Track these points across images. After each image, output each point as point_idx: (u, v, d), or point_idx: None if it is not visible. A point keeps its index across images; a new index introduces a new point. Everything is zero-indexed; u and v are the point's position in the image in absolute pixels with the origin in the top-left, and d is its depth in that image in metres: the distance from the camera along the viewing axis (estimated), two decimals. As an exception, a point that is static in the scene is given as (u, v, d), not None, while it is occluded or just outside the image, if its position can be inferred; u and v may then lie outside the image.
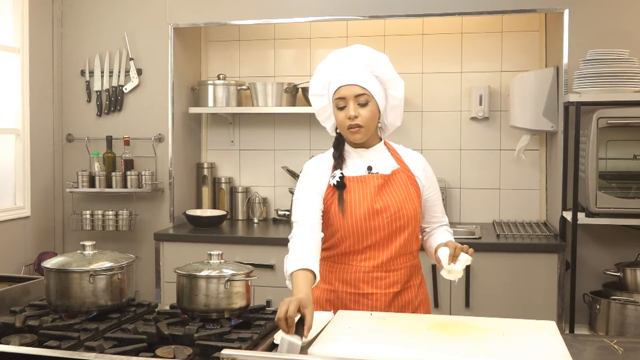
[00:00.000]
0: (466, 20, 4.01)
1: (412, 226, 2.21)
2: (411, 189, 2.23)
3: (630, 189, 3.23)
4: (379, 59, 2.21)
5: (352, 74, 2.17)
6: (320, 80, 2.25)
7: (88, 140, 4.03)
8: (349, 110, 2.15)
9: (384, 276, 2.20)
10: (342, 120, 2.17)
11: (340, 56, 2.22)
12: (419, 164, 2.30)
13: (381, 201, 2.18)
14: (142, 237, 4.02)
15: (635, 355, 1.85)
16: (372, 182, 2.20)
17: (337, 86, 2.17)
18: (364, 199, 2.18)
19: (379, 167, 2.24)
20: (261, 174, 4.31)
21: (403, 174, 2.24)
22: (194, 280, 2.00)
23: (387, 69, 2.23)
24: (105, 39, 4.04)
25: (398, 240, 2.19)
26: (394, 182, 2.22)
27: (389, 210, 2.17)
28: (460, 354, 1.70)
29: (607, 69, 3.15)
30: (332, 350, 1.75)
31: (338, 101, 2.17)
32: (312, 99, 2.30)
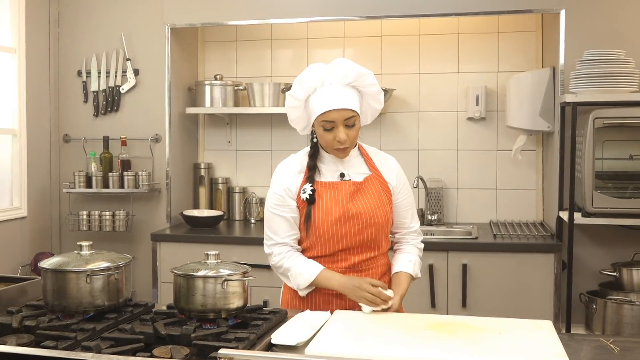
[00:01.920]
0: (463, 21, 4.02)
1: (383, 232, 2.25)
2: (383, 195, 2.24)
3: (627, 189, 3.24)
4: (363, 75, 2.18)
5: (340, 97, 2.14)
6: (299, 95, 2.20)
7: (85, 140, 4.03)
8: (339, 133, 2.14)
9: (356, 276, 2.22)
10: (330, 141, 2.17)
11: (323, 72, 2.17)
12: (391, 169, 2.31)
13: (353, 208, 2.19)
14: (139, 238, 4.02)
15: (632, 354, 1.85)
16: (344, 189, 2.22)
17: (326, 109, 2.13)
18: (335, 206, 2.19)
19: (351, 173, 2.25)
20: (258, 175, 4.31)
21: (375, 180, 2.26)
22: (191, 280, 2.00)
23: (372, 85, 2.20)
24: (102, 39, 4.04)
25: (371, 244, 2.23)
26: (366, 189, 2.23)
27: (361, 217, 2.19)
28: (457, 354, 1.71)
29: (603, 69, 3.15)
30: (329, 350, 1.75)
31: (325, 123, 2.15)
32: (289, 111, 2.26)
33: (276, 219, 2.25)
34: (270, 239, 2.26)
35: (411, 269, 2.27)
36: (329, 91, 2.15)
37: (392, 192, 2.28)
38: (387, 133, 4.13)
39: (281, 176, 2.28)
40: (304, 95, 2.21)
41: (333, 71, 2.16)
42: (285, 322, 2.03)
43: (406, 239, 2.36)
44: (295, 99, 2.22)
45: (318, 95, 2.17)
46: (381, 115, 4.10)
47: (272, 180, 2.30)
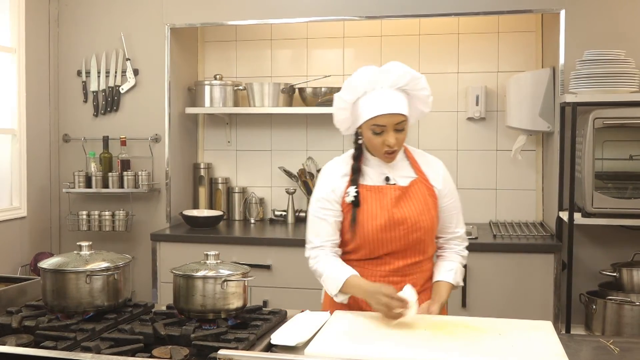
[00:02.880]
0: (463, 21, 4.02)
1: (429, 237, 2.22)
2: (429, 199, 2.21)
3: (627, 189, 3.24)
4: (416, 79, 2.15)
5: (391, 101, 2.11)
6: (348, 97, 2.18)
7: (84, 140, 4.02)
8: (388, 138, 2.11)
9: (400, 280, 2.19)
10: (379, 145, 2.14)
11: (374, 75, 2.14)
12: (437, 172, 2.26)
13: (399, 213, 2.16)
14: (139, 238, 4.02)
15: (632, 355, 1.85)
16: (389, 193, 2.18)
17: (377, 113, 2.10)
18: (381, 211, 2.16)
19: (396, 177, 2.21)
20: (258, 175, 4.30)
21: (421, 184, 2.22)
22: (191, 280, 2.00)
23: (423, 89, 2.17)
24: (102, 39, 4.04)
25: (416, 249, 2.20)
26: (411, 194, 2.19)
27: (406, 222, 2.16)
28: (457, 354, 1.71)
29: (603, 69, 3.15)
30: (329, 350, 1.75)
31: (375, 127, 2.12)
32: (337, 112, 2.23)
33: (318, 222, 2.22)
34: (311, 242, 2.24)
35: (452, 278, 2.23)
36: (379, 95, 2.12)
37: (437, 196, 2.23)
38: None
39: (326, 179, 2.25)
40: (353, 98, 2.17)
41: (385, 75, 2.13)
42: (285, 322, 2.03)
43: (450, 244, 2.31)
44: (344, 101, 2.19)
45: (368, 99, 2.13)
46: (381, 115, 4.10)
47: (317, 182, 2.28)
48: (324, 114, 4.06)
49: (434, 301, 2.16)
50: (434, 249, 2.30)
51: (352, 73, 4.30)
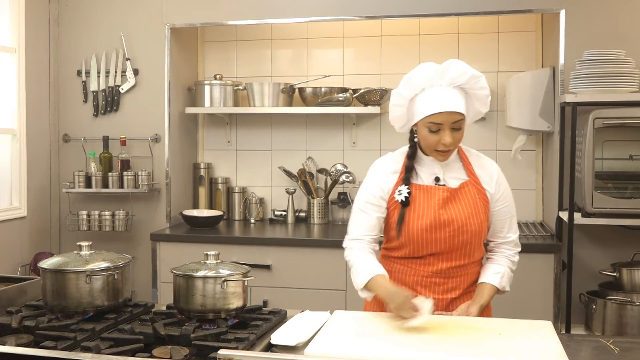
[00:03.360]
0: (462, 21, 4.02)
1: (476, 240, 2.18)
2: (479, 202, 2.17)
3: (627, 189, 3.24)
4: (476, 77, 2.12)
5: (450, 99, 2.08)
6: (406, 93, 2.14)
7: (84, 140, 4.02)
8: (445, 136, 2.08)
9: (442, 282, 2.18)
10: (434, 143, 2.11)
11: (434, 72, 2.11)
12: (491, 176, 2.23)
13: (445, 214, 2.13)
14: (139, 238, 4.02)
15: (632, 355, 1.86)
16: (437, 194, 2.15)
17: (435, 111, 2.07)
18: (428, 211, 2.13)
19: (447, 178, 2.18)
20: (258, 174, 4.30)
21: (472, 186, 2.18)
22: (191, 280, 2.00)
23: (483, 88, 2.15)
24: (102, 39, 4.04)
25: (462, 252, 2.17)
26: (460, 196, 2.16)
27: (453, 225, 2.13)
28: (457, 354, 1.71)
29: (603, 69, 3.15)
30: (328, 350, 1.75)
31: (432, 125, 2.09)
32: (393, 109, 2.20)
33: (361, 215, 2.22)
34: (350, 233, 2.24)
35: (497, 281, 2.19)
36: (438, 92, 2.09)
37: (489, 199, 2.20)
38: (387, 133, 4.13)
39: (376, 174, 2.23)
40: (411, 94, 2.14)
41: (445, 72, 2.10)
42: (285, 322, 2.03)
43: (500, 248, 2.26)
44: (402, 97, 2.16)
45: (426, 96, 2.10)
46: (380, 116, 4.10)
47: (367, 177, 2.26)
48: (324, 114, 4.07)
49: (473, 302, 2.14)
50: (482, 253, 2.25)
51: (352, 73, 4.33)
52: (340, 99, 3.89)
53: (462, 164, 2.22)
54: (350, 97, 3.90)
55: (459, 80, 2.10)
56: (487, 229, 2.23)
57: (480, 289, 2.19)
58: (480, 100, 2.17)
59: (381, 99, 3.89)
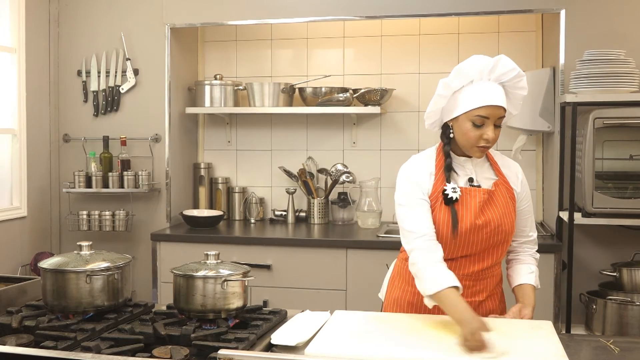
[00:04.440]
0: (463, 21, 4.02)
1: (507, 241, 2.18)
2: (509, 202, 2.17)
3: (627, 189, 3.24)
4: (521, 76, 2.11)
5: (499, 93, 2.06)
6: (455, 84, 2.09)
7: (85, 140, 4.02)
8: (488, 131, 2.04)
9: (471, 284, 2.16)
10: (475, 138, 2.06)
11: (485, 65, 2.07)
12: (516, 175, 2.22)
13: (483, 217, 2.11)
14: (139, 238, 4.02)
15: (632, 355, 1.86)
16: (477, 196, 2.12)
17: (485, 104, 2.03)
18: (467, 213, 2.10)
19: (480, 178, 2.16)
20: (258, 174, 4.31)
21: (502, 186, 2.17)
22: (191, 280, 2.00)
23: (523, 88, 2.13)
24: (102, 39, 4.04)
25: (494, 253, 2.16)
26: (495, 197, 2.14)
27: (490, 226, 2.11)
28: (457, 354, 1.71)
29: (603, 69, 3.15)
30: (329, 350, 1.75)
31: (477, 118, 2.04)
32: (437, 99, 2.13)
33: (417, 211, 2.09)
34: (412, 233, 2.07)
35: (534, 281, 2.20)
36: (486, 86, 2.06)
37: (517, 199, 2.20)
38: (387, 133, 4.13)
39: (412, 176, 2.15)
40: (458, 86, 2.09)
41: (496, 67, 2.07)
42: (285, 322, 2.03)
43: (523, 247, 2.27)
44: (450, 88, 2.10)
45: (474, 88, 2.07)
46: (381, 115, 4.10)
47: (401, 181, 2.16)
48: (324, 114, 4.07)
49: (525, 305, 2.13)
50: (504, 255, 2.24)
51: (352, 73, 4.33)
52: (340, 99, 3.89)
53: (490, 164, 2.21)
54: (350, 97, 3.90)
55: (505, 77, 2.08)
56: None
57: (524, 291, 2.18)
58: (515, 101, 2.16)
59: (381, 99, 3.89)
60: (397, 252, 3.50)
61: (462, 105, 2.07)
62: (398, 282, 2.25)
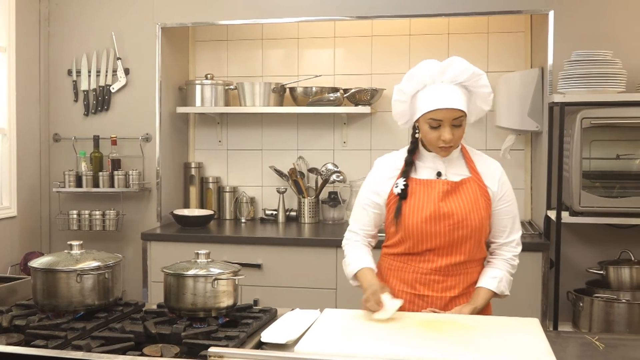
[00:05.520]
0: (453, 21, 4.04)
1: (476, 237, 2.19)
2: (480, 199, 2.18)
3: (614, 188, 3.27)
4: (477, 75, 2.15)
5: (450, 96, 2.11)
6: (408, 89, 2.17)
7: (75, 139, 4.02)
8: (444, 133, 2.11)
9: (441, 280, 2.19)
10: (435, 139, 2.14)
11: (435, 69, 2.13)
12: (493, 174, 2.24)
13: (445, 207, 2.15)
14: (129, 237, 4.02)
15: (616, 351, 1.88)
16: (438, 187, 2.18)
17: (435, 107, 2.10)
18: (427, 203, 2.15)
19: (449, 173, 2.21)
20: (249, 174, 4.31)
21: (474, 183, 2.20)
22: (181, 279, 2.01)
23: (484, 86, 2.18)
24: (93, 39, 4.04)
25: (461, 248, 2.18)
26: (461, 190, 2.18)
27: (452, 218, 2.14)
28: (445, 351, 1.73)
29: (590, 70, 3.18)
30: (318, 348, 1.76)
31: (432, 121, 2.11)
32: (395, 104, 2.23)
33: (360, 210, 2.32)
34: (350, 225, 2.36)
35: (494, 286, 2.20)
36: (439, 89, 2.12)
37: (491, 198, 2.21)
38: (377, 133, 4.15)
39: (377, 172, 2.29)
40: (413, 91, 2.17)
41: (446, 69, 2.13)
42: (275, 320, 2.04)
43: (502, 250, 2.28)
44: (403, 93, 2.19)
45: (427, 92, 2.13)
46: (371, 115, 4.12)
47: (369, 174, 2.32)
48: (315, 114, 4.08)
49: (468, 304, 2.16)
50: (483, 254, 2.26)
51: (343, 73, 4.34)
52: (331, 99, 3.90)
53: (465, 162, 2.25)
54: (340, 97, 3.92)
55: (460, 78, 2.13)
56: (489, 228, 2.24)
57: (476, 293, 2.21)
58: (481, 98, 2.21)
59: (372, 98, 3.91)
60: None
61: (419, 109, 2.16)
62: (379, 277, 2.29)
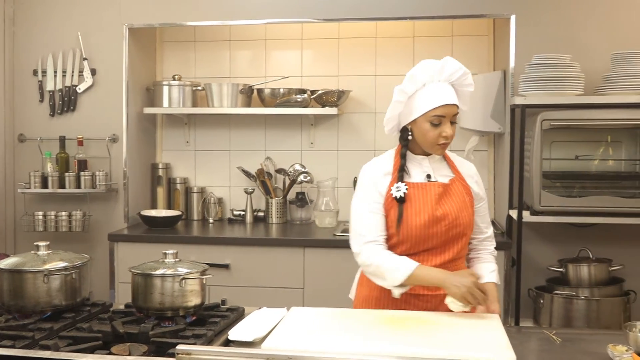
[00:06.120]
0: (418, 25, 4.11)
1: (467, 235, 2.28)
2: (466, 198, 2.27)
3: (573, 188, 3.36)
4: (467, 74, 2.23)
5: (450, 93, 2.19)
6: (410, 89, 2.22)
7: (40, 140, 3.99)
8: (446, 129, 2.18)
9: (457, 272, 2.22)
10: (435, 137, 2.19)
11: (434, 68, 2.21)
12: (472, 175, 2.35)
13: (441, 209, 2.21)
14: (96, 238, 4.00)
15: (572, 345, 1.96)
16: (433, 190, 2.23)
17: (439, 104, 2.17)
18: (424, 206, 2.21)
19: (437, 175, 2.28)
20: (216, 175, 4.32)
21: (459, 183, 2.29)
22: (149, 279, 2.03)
23: (470, 85, 2.26)
24: (59, 39, 4.01)
25: (453, 246, 2.25)
26: (452, 191, 2.26)
27: (447, 218, 2.21)
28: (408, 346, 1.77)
29: (550, 73, 3.27)
30: (285, 345, 1.79)
31: (435, 118, 2.17)
32: (394, 105, 2.27)
33: (368, 216, 2.23)
34: (363, 236, 2.22)
35: (495, 279, 2.32)
36: (438, 87, 2.19)
37: (474, 197, 2.31)
38: (344, 134, 4.20)
39: (370, 176, 2.28)
40: (413, 90, 2.22)
41: (444, 68, 2.20)
42: (243, 319, 2.07)
43: (483, 245, 2.39)
44: (404, 94, 2.23)
45: (427, 91, 2.20)
46: (338, 117, 4.17)
47: (361, 180, 2.30)
48: (283, 115, 4.11)
49: (493, 300, 2.20)
50: (466, 251, 2.35)
51: (310, 74, 4.37)
52: (298, 100, 3.94)
53: (447, 163, 2.33)
54: (308, 98, 3.95)
55: (454, 76, 2.21)
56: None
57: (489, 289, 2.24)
58: (463, 98, 2.28)
59: (338, 100, 3.96)
60: (354, 250, 3.54)
61: (419, 108, 2.20)
62: (366, 280, 2.32)
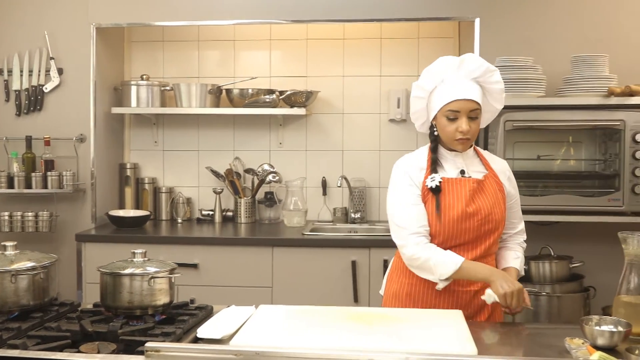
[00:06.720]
0: (385, 27, 4.17)
1: (499, 230, 2.30)
2: (499, 194, 2.30)
3: (536, 187, 3.45)
4: (491, 71, 2.25)
5: (467, 88, 2.20)
6: (427, 85, 2.25)
7: (6, 140, 3.94)
8: (461, 124, 2.19)
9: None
10: (452, 132, 2.21)
11: (452, 64, 2.23)
12: (504, 172, 2.37)
13: (474, 205, 2.23)
14: (63, 239, 3.97)
15: (532, 339, 2.02)
16: (467, 185, 2.25)
17: (453, 99, 2.19)
18: (458, 202, 2.23)
19: (470, 171, 2.29)
20: (185, 174, 4.33)
21: (492, 179, 2.31)
22: (118, 278, 2.04)
23: (498, 82, 2.27)
24: (25, 38, 3.97)
25: (485, 242, 2.27)
26: (485, 187, 2.28)
27: (480, 214, 2.23)
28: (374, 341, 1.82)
29: (513, 75, 3.35)
30: (253, 342, 1.82)
31: (449, 113, 2.20)
32: (414, 101, 2.31)
33: (410, 208, 2.24)
34: (405, 228, 2.23)
35: (518, 265, 2.35)
36: (455, 82, 2.21)
37: (506, 193, 2.33)
38: (312, 134, 4.24)
39: (406, 169, 2.29)
40: (431, 86, 2.24)
41: (462, 64, 2.22)
42: (211, 317, 2.09)
43: (513, 238, 2.43)
44: (422, 89, 2.26)
45: (445, 86, 2.22)
46: (306, 117, 4.21)
47: (396, 175, 2.32)
48: (251, 115, 4.14)
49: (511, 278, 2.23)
50: (497, 247, 2.37)
51: (279, 75, 4.40)
52: (267, 101, 3.97)
53: (480, 160, 2.36)
54: (276, 99, 3.98)
55: (475, 73, 2.23)
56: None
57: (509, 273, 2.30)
58: (494, 95, 2.31)
59: (307, 100, 3.99)
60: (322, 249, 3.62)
61: (436, 103, 2.24)
62: (396, 276, 2.37)
